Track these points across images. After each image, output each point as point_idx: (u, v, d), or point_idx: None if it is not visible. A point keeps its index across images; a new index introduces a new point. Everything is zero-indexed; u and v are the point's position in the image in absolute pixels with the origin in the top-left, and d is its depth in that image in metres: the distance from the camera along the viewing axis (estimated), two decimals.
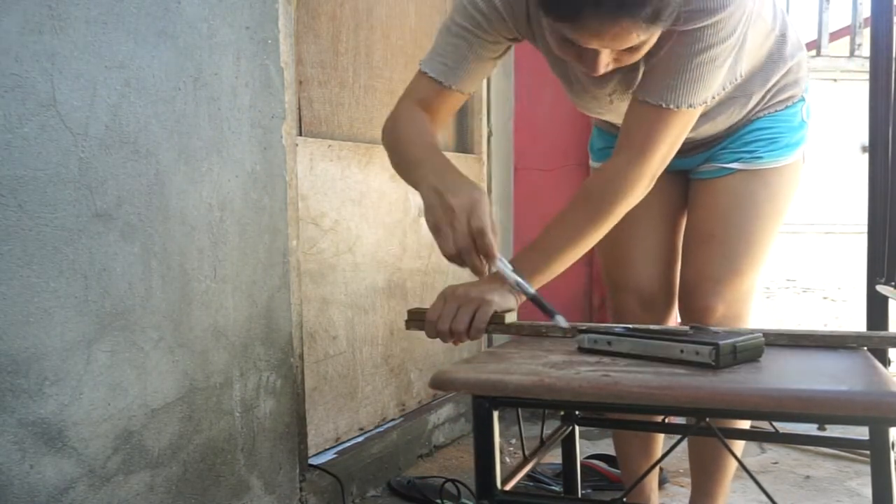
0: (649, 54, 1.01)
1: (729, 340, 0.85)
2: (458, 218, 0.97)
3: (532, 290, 1.02)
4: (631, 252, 1.39)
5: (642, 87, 1.09)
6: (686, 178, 1.40)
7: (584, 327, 0.98)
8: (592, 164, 1.50)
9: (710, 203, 1.32)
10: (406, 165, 1.11)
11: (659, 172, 1.11)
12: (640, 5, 0.87)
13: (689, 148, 1.32)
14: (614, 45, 0.93)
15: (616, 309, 1.44)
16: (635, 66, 1.09)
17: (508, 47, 1.18)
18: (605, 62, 0.97)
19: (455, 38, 1.14)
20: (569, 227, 1.09)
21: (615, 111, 1.24)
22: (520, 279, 1.02)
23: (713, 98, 1.13)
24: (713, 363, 0.83)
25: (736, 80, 1.18)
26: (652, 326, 1.07)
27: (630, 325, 1.01)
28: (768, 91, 1.27)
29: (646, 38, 0.93)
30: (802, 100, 1.32)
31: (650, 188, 1.11)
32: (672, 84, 1.05)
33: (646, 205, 1.40)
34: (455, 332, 1.01)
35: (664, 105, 1.06)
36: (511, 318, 1.04)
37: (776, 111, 1.30)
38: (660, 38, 0.99)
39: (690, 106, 1.06)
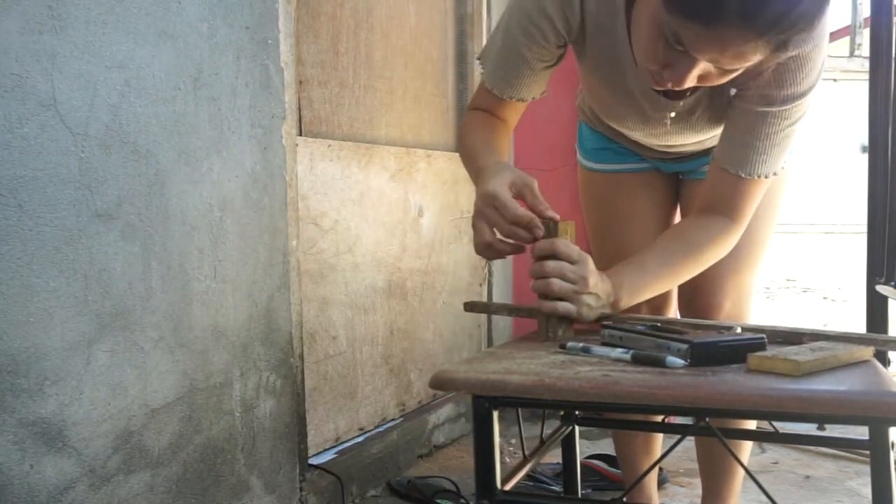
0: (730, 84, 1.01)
1: (709, 340, 0.86)
2: (494, 202, 0.97)
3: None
4: (627, 249, 1.39)
5: (729, 158, 1.10)
6: (677, 178, 1.41)
7: (607, 323, 0.99)
8: (584, 162, 1.46)
9: None
10: (473, 177, 1.13)
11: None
12: (779, 31, 0.84)
13: (689, 155, 1.32)
14: (729, 62, 0.89)
15: None
16: (706, 95, 1.10)
17: (562, 54, 1.17)
18: (696, 75, 0.94)
19: (510, 53, 1.13)
20: (666, 257, 1.11)
21: (657, 134, 1.23)
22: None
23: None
24: (688, 360, 0.84)
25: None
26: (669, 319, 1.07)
27: (654, 319, 1.02)
28: None
29: (757, 63, 0.90)
30: None
31: None
32: (760, 158, 1.07)
33: (638, 204, 1.40)
34: (544, 282, 1.00)
35: (751, 176, 1.09)
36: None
37: None
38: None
39: (770, 175, 1.10)
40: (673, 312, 1.45)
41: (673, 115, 1.17)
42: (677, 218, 1.44)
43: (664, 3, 0.88)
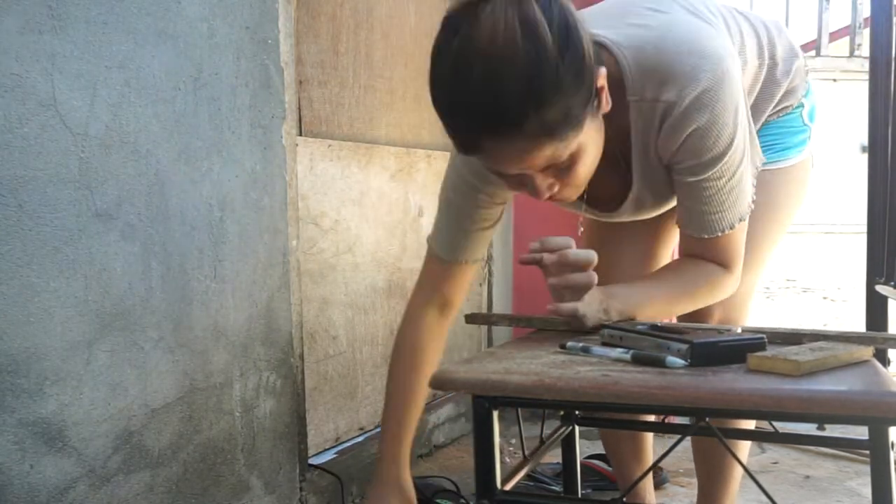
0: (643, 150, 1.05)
1: (709, 340, 0.86)
2: None
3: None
4: (620, 254, 1.39)
5: (693, 226, 1.09)
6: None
7: (608, 323, 0.99)
8: None
9: None
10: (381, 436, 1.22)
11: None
12: (517, 124, 0.85)
13: None
14: (533, 166, 0.92)
15: None
16: (642, 185, 1.11)
17: (502, 211, 1.20)
18: (546, 184, 0.96)
19: (454, 213, 1.17)
20: (663, 286, 1.11)
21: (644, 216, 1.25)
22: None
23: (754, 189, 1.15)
24: (688, 360, 0.84)
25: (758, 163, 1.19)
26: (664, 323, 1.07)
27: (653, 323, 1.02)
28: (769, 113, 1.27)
29: (562, 149, 0.91)
30: (800, 105, 1.31)
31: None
32: (720, 216, 1.07)
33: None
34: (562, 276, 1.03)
35: (723, 233, 1.08)
36: None
37: (774, 119, 1.29)
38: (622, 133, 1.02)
39: (744, 217, 1.09)
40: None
41: (621, 219, 1.19)
42: (668, 233, 1.42)
43: (458, 152, 0.96)
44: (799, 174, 1.30)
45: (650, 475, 1.60)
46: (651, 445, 1.50)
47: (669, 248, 1.43)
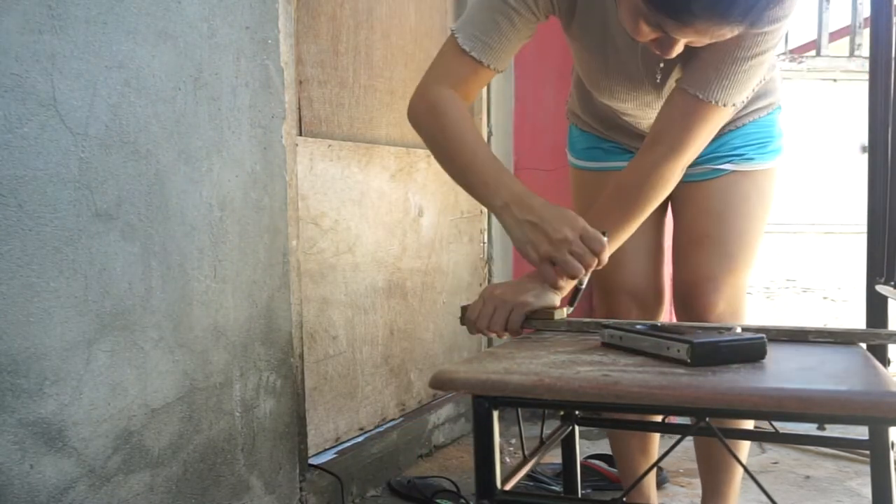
0: None
1: (712, 339, 0.86)
2: (574, 244, 1.02)
3: None
4: (622, 250, 1.40)
5: (690, 79, 1.10)
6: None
7: (608, 323, 1.00)
8: (575, 162, 1.50)
9: (703, 204, 1.34)
10: (465, 175, 1.13)
11: (689, 163, 1.14)
12: (745, 14, 0.91)
13: None
14: (709, 40, 0.96)
15: (609, 311, 1.45)
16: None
17: (534, 30, 1.18)
18: (682, 47, 1.00)
19: (497, 15, 1.11)
20: (606, 219, 1.11)
21: (648, 101, 1.26)
22: None
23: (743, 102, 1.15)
24: (688, 360, 0.84)
25: (762, 82, 1.20)
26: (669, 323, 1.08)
27: (656, 322, 1.03)
28: (751, 97, 1.30)
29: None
30: (779, 108, 1.36)
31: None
32: (723, 82, 1.07)
33: None
34: (493, 331, 1.07)
35: (709, 100, 1.08)
36: (559, 313, 1.09)
37: (759, 117, 1.34)
38: None
39: (731, 105, 1.09)
40: (667, 312, 1.47)
41: (662, 65, 1.17)
42: (669, 218, 1.45)
43: (648, 3, 0.94)
44: (777, 175, 1.37)
45: (653, 474, 1.60)
46: (657, 442, 1.51)
47: None
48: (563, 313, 1.10)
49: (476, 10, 1.14)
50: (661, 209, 1.43)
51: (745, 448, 1.40)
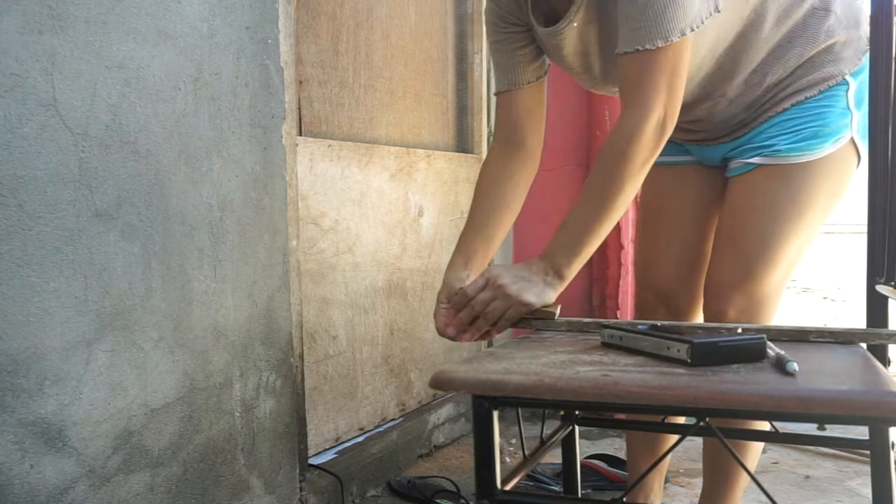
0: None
1: (712, 339, 0.86)
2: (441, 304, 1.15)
3: None
4: (656, 249, 1.37)
5: (628, 40, 1.03)
6: (722, 175, 1.33)
7: (608, 323, 0.99)
8: None
9: (730, 202, 1.25)
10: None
11: (671, 119, 1.03)
12: None
13: (711, 137, 1.28)
14: None
15: (638, 306, 1.43)
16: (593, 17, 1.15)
17: (544, 61, 1.27)
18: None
19: (496, 45, 1.25)
20: (591, 200, 1.05)
21: (611, 89, 1.26)
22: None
23: (701, 23, 1.05)
24: (688, 360, 0.84)
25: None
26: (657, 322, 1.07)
27: (650, 322, 1.02)
28: (794, 68, 1.18)
29: None
30: (845, 83, 1.19)
31: (666, 136, 1.04)
32: (639, 25, 1.01)
33: (681, 199, 1.36)
34: (485, 320, 1.08)
35: (640, 48, 1.01)
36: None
37: (806, 98, 1.18)
38: None
39: (666, 39, 1.00)
40: (698, 316, 1.39)
41: (574, 24, 1.15)
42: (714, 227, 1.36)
43: None
44: (832, 166, 1.19)
45: (661, 474, 1.59)
46: (667, 444, 1.50)
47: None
48: (558, 311, 1.09)
49: (493, 64, 1.29)
50: (712, 208, 1.35)
51: (756, 450, 1.34)
